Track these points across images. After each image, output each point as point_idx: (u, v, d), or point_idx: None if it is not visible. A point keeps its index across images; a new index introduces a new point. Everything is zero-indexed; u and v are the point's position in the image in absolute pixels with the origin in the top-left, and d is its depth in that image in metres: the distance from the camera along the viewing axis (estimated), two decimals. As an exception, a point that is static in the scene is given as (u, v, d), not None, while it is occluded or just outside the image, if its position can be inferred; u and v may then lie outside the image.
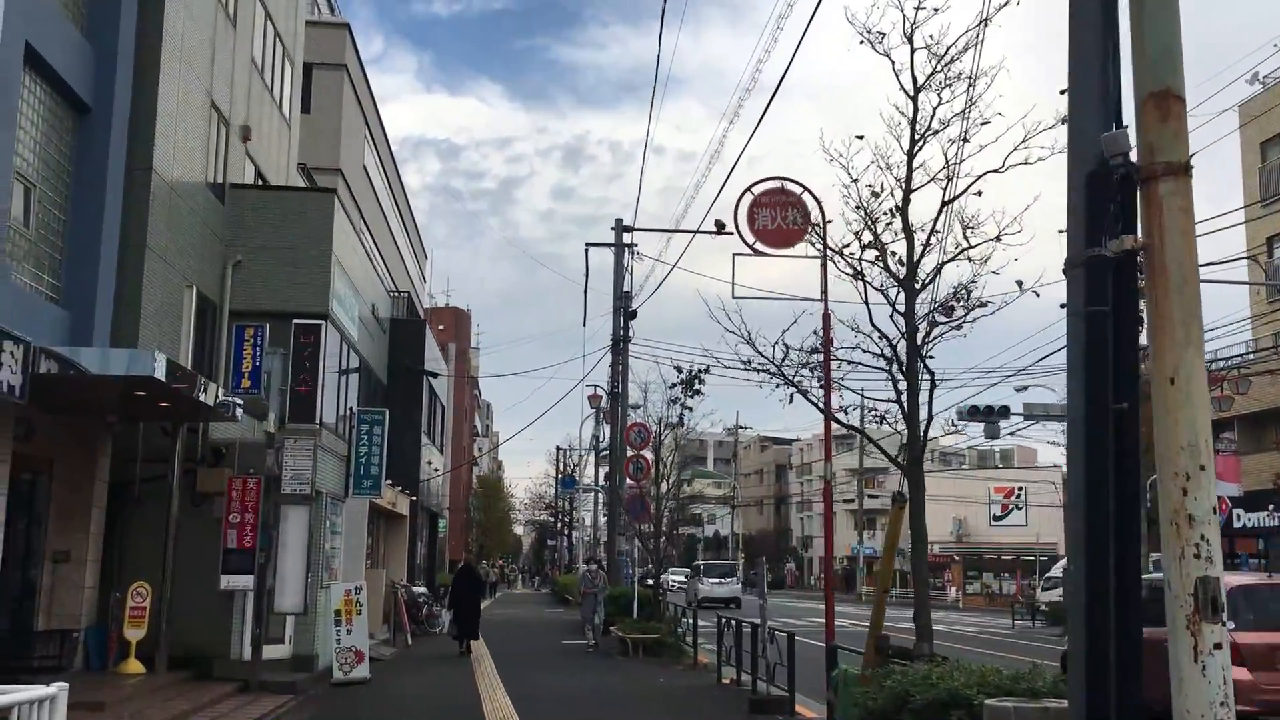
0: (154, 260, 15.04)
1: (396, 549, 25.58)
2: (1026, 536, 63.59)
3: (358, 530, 19.15)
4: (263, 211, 18.56)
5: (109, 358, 11.27)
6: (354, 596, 15.65)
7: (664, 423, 20.25)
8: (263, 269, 18.17)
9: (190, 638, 14.01)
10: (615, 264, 28.28)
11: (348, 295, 20.20)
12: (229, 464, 14.48)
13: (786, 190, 10.49)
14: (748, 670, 13.46)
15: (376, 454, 17.26)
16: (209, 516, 14.33)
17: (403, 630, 21.72)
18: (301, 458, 14.00)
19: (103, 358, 11.19)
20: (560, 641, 22.41)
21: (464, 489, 58.39)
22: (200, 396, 12.85)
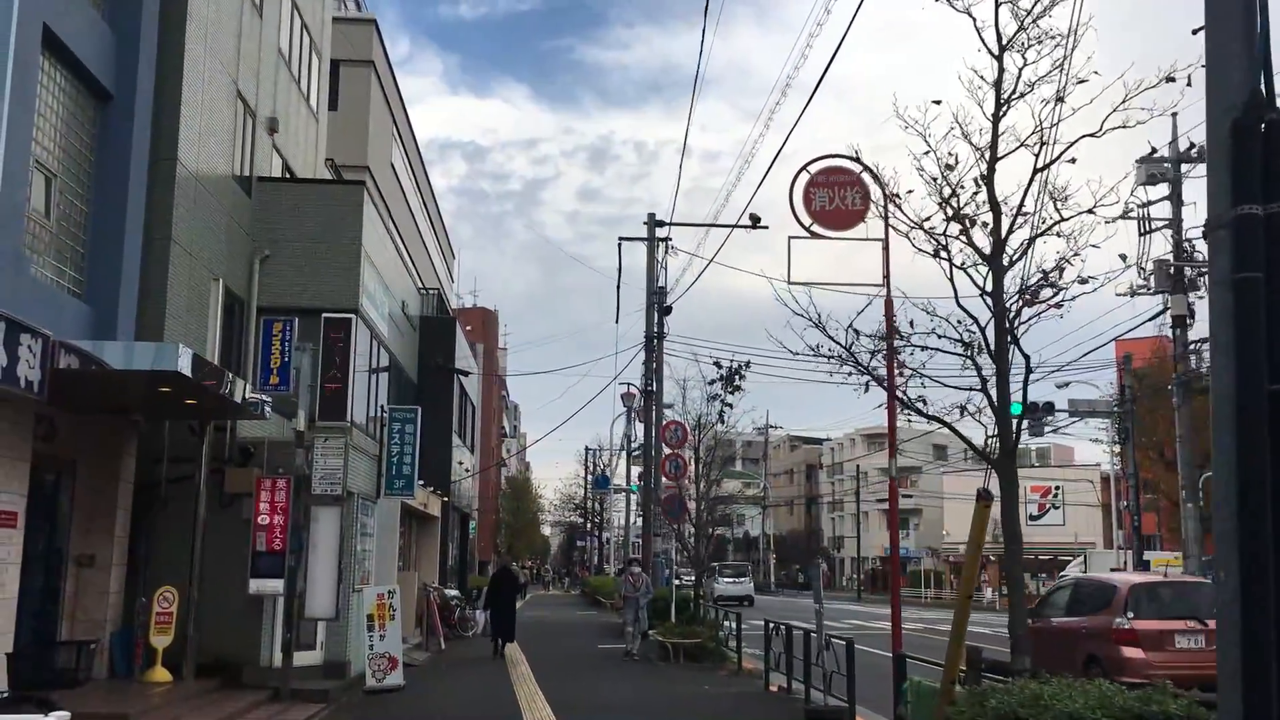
0: (179, 253, 14.58)
1: (428, 551, 25.08)
2: (1064, 536, 62.45)
3: (390, 532, 18.63)
4: (290, 205, 18.13)
5: (133, 352, 10.79)
6: (387, 600, 15.11)
7: (703, 420, 19.63)
8: (291, 264, 17.71)
9: (218, 644, 13.52)
10: (648, 258, 27.67)
11: (377, 291, 19.71)
12: (258, 464, 13.98)
13: (845, 169, 9.83)
14: (799, 678, 12.80)
15: (409, 453, 16.72)
16: (237, 518, 13.83)
17: (435, 634, 21.19)
18: (332, 457, 13.48)
19: (126, 352, 10.70)
20: (597, 645, 21.80)
21: (493, 490, 57.97)
22: (228, 393, 12.35)
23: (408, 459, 16.71)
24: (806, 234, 9.71)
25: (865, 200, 9.72)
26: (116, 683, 12.68)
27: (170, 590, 13.04)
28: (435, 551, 25.28)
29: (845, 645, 10.55)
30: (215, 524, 13.71)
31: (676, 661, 17.92)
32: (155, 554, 13.82)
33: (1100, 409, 31.01)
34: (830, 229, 9.71)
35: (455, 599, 23.94)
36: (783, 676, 14.09)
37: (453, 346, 27.01)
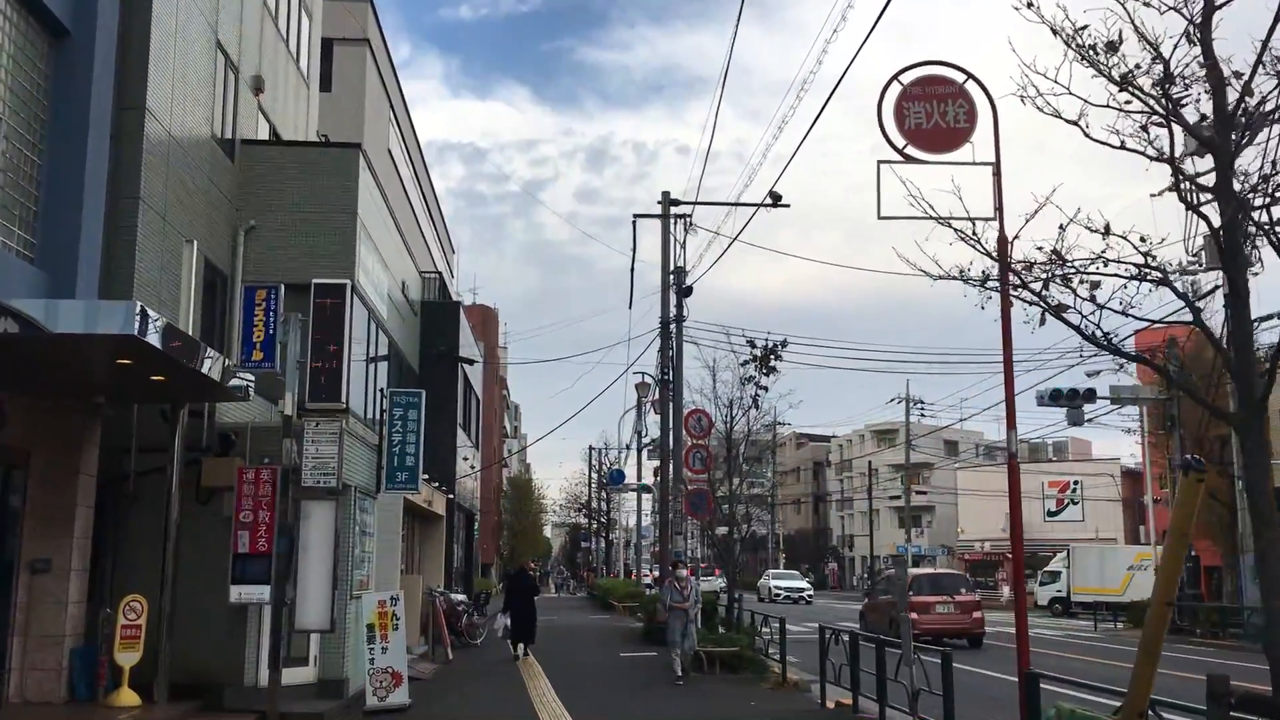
0: (150, 217, 12.82)
1: (432, 552, 23.27)
2: (1083, 532, 60.69)
3: (391, 531, 16.84)
4: (278, 171, 16.47)
5: (78, 312, 9.03)
6: (389, 608, 13.33)
7: (735, 405, 17.83)
8: (279, 236, 16.02)
9: (196, 661, 11.73)
10: (663, 238, 25.86)
11: (375, 268, 17.98)
12: (240, 453, 12.19)
13: (945, 79, 8.09)
14: (869, 694, 11.03)
15: (412, 442, 14.92)
16: (217, 516, 12.04)
17: (442, 643, 19.40)
18: (325, 444, 11.69)
19: (70, 313, 8.94)
20: (618, 654, 19.98)
21: (494, 491, 56.21)
22: (203, 369, 10.59)
23: (411, 449, 14.91)
24: (899, 158, 7.93)
25: (971, 116, 7.95)
26: (76, 708, 10.91)
27: (138, 600, 11.25)
28: (440, 553, 23.48)
29: (941, 658, 8.76)
30: (191, 523, 11.92)
31: (711, 672, 16.14)
32: (122, 558, 12.04)
33: (1145, 394, 29.22)
34: (928, 151, 7.94)
35: (462, 604, 22.14)
36: (843, 691, 12.31)
37: (456, 334, 25.27)
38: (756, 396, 17.43)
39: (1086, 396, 28.04)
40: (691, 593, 16.52)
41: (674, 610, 16.07)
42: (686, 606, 16.14)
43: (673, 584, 16.47)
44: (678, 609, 16.05)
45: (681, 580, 16.53)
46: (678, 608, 16.07)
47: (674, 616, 16.08)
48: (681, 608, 16.08)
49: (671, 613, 16.13)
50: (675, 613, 16.06)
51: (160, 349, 9.38)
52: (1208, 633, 26.78)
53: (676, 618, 16.01)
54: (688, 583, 16.65)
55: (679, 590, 16.30)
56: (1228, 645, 25.50)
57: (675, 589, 16.34)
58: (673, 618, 16.07)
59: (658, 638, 21.87)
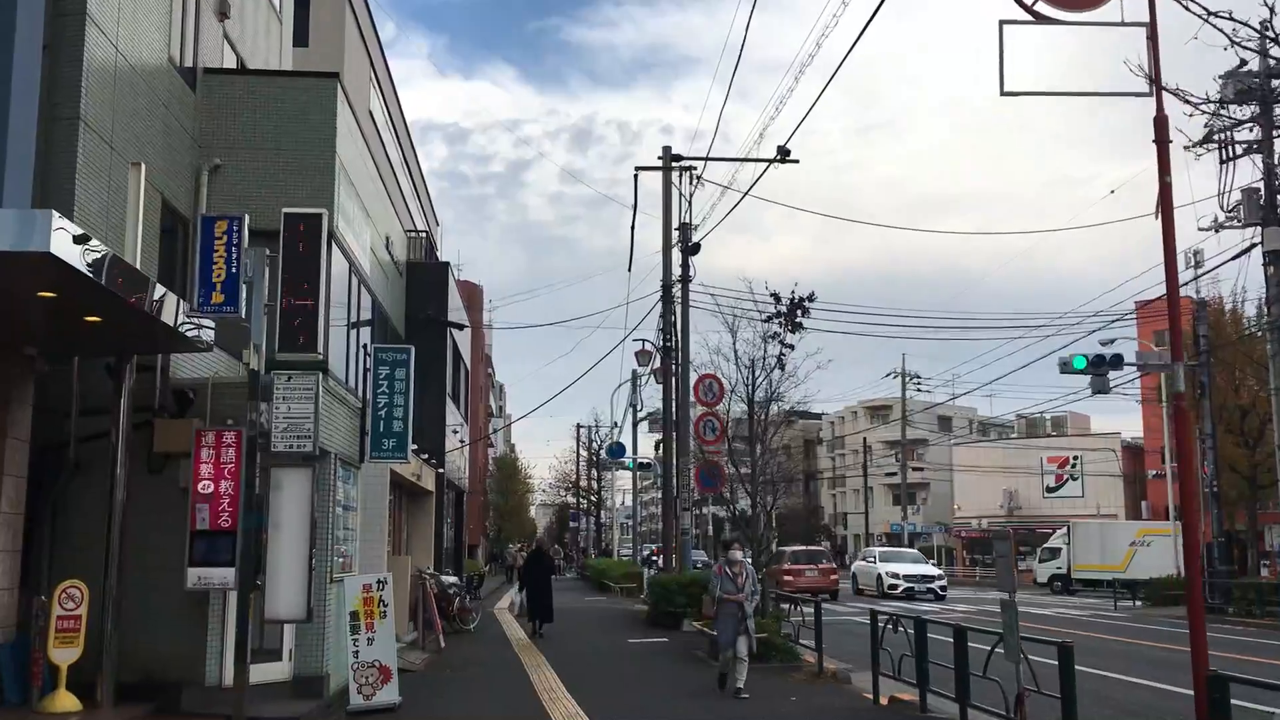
0: (93, 143, 11.01)
1: (421, 531, 21.52)
2: (1084, 508, 59.39)
3: (377, 506, 15.09)
4: (246, 105, 14.69)
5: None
6: (376, 593, 11.61)
7: (757, 365, 16.09)
8: (247, 177, 14.23)
9: (147, 657, 10.00)
10: (664, 194, 24.10)
11: (357, 216, 16.19)
12: (199, 413, 10.42)
13: (1082, -79, 6.34)
14: (941, 690, 9.39)
15: (400, 405, 13.18)
16: (172, 487, 10.28)
17: (433, 630, 17.70)
18: (299, 401, 9.94)
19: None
20: (626, 641, 18.31)
21: (481, 470, 54.51)
22: (152, 310, 8.84)
23: (399, 413, 13.16)
24: (1027, 17, 6.19)
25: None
26: (4, 714, 9.17)
27: (77, 586, 9.50)
28: (430, 532, 21.73)
29: (1060, 649, 7.08)
30: (142, 495, 10.17)
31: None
32: (60, 537, 10.27)
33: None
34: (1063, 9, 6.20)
35: (454, 587, 20.44)
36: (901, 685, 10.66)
37: (445, 297, 23.44)
38: (782, 356, 15.74)
39: (1113, 363, 26.36)
40: (748, 581, 12.62)
41: (724, 604, 12.50)
42: (742, 599, 12.40)
43: (723, 570, 12.76)
44: (730, 601, 12.43)
45: (734, 564, 12.76)
46: (730, 600, 12.42)
47: (725, 613, 12.49)
48: (735, 600, 12.40)
49: (722, 607, 12.51)
50: (727, 607, 12.46)
51: (90, 276, 7.62)
52: (1242, 611, 25.29)
53: (729, 614, 12.42)
54: (743, 568, 12.81)
55: (731, 578, 12.56)
56: (1266, 625, 24.02)
57: (727, 576, 12.58)
58: (723, 614, 12.52)
59: (666, 622, 20.26)
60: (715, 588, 12.72)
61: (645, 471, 49.80)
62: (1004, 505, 65.87)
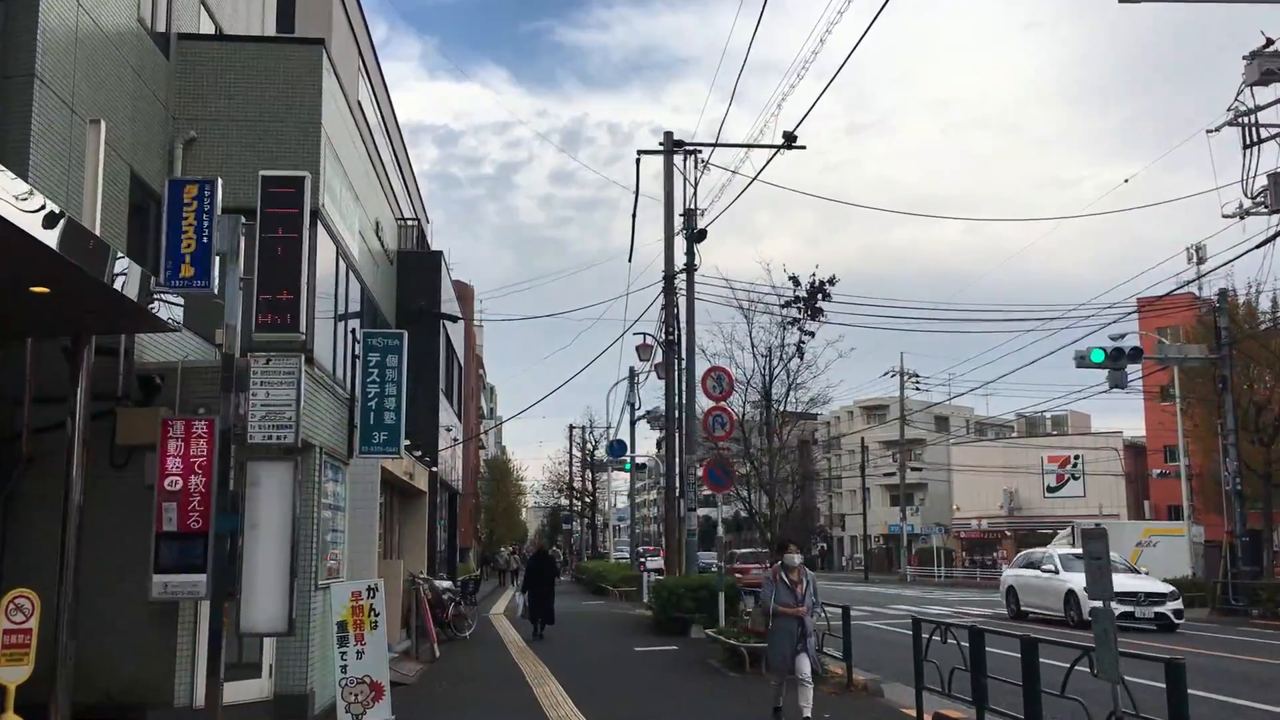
0: (51, 104, 9.93)
1: (414, 533, 20.39)
2: (1086, 508, 58.50)
3: (367, 506, 13.98)
4: (224, 74, 13.67)
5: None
6: (366, 601, 10.49)
7: (775, 354, 15.03)
8: (225, 151, 13.20)
9: (108, 676, 8.90)
10: (665, 181, 23.04)
11: (344, 196, 15.13)
12: (167, 402, 9.32)
13: None
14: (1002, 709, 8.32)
15: (393, 395, 12.09)
16: (136, 483, 9.18)
17: (428, 638, 16.59)
18: (279, 387, 8.85)
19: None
20: (632, 649, 17.21)
21: (473, 472, 53.40)
22: (112, 281, 7.75)
23: (391, 404, 12.07)
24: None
25: None
26: (-57, 742, 8.05)
27: (27, 596, 8.35)
28: (423, 534, 20.61)
29: (1169, 668, 6.03)
30: (102, 493, 9.08)
31: (755, 671, 13.42)
32: (10, 540, 9.16)
33: (1193, 354, 26.69)
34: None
35: (448, 592, 19.32)
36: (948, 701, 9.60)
37: (438, 288, 22.39)
38: (801, 344, 14.67)
39: (1132, 356, 25.44)
40: (808, 590, 10.23)
41: (778, 617, 10.12)
42: (802, 612, 10.04)
43: (778, 576, 10.30)
44: (787, 615, 10.06)
45: (791, 570, 10.26)
46: (787, 613, 10.05)
47: (781, 629, 10.09)
48: (794, 613, 10.02)
49: (777, 622, 10.12)
50: (783, 623, 10.09)
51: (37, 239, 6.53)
52: (1269, 613, 24.28)
53: (785, 631, 10.05)
54: (801, 574, 10.30)
55: (789, 586, 10.16)
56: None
57: (783, 585, 10.18)
58: (779, 631, 10.11)
59: (672, 628, 19.19)
60: (768, 598, 10.26)
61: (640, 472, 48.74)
62: (1004, 505, 64.99)
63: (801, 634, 10.01)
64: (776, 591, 10.25)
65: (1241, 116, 24.07)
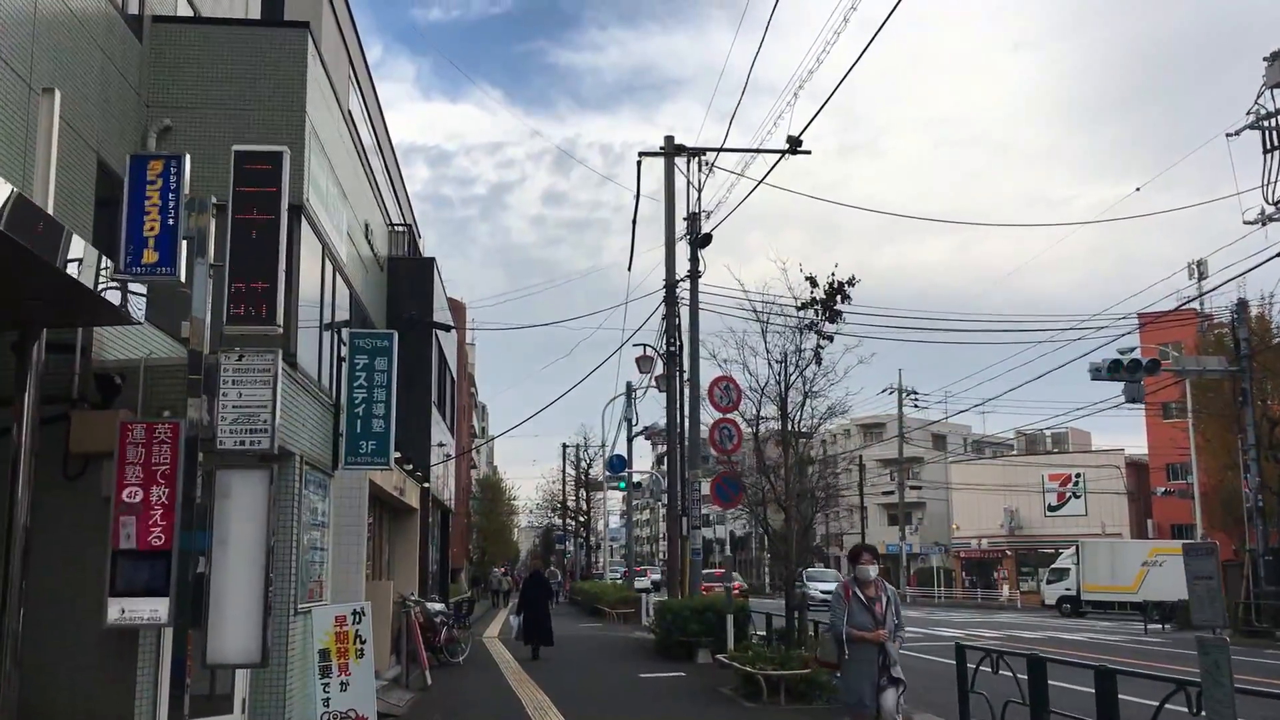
0: (4, 80, 8.99)
1: (405, 553, 19.36)
2: (1088, 527, 57.58)
3: (354, 523, 12.98)
4: (202, 60, 12.77)
5: None
6: (351, 627, 9.54)
7: (789, 360, 14.12)
8: (203, 141, 12.21)
9: (59, 711, 7.88)
10: (666, 187, 22.21)
11: (330, 192, 14.21)
12: (129, 404, 8.34)
13: None
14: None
15: (382, 401, 11.12)
16: (93, 496, 8.18)
17: (419, 664, 15.56)
18: (253, 386, 7.88)
19: None
20: (637, 675, 16.19)
21: (465, 491, 52.35)
22: (65, 266, 6.82)
23: (380, 410, 11.10)
24: None
25: None
26: None
27: (-37, 622, 7.38)
28: (414, 554, 19.58)
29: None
30: (54, 507, 8.09)
31: (775, 701, 12.41)
32: (-52, 559, 8.14)
33: (1212, 366, 25.84)
34: None
35: (440, 615, 18.29)
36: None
37: (430, 296, 21.43)
38: (819, 348, 13.77)
39: (1149, 368, 24.60)
40: (889, 608, 8.31)
41: (856, 646, 8.17)
42: (882, 636, 8.14)
43: (851, 593, 8.33)
44: (865, 641, 8.15)
45: (867, 585, 8.36)
46: (865, 638, 8.13)
47: (859, 658, 8.15)
48: (874, 639, 8.12)
49: (852, 650, 8.17)
50: (860, 651, 8.15)
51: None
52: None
53: (864, 660, 8.14)
54: (880, 589, 8.39)
55: (865, 604, 8.25)
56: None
57: (858, 602, 8.26)
58: (856, 660, 8.17)
59: (677, 653, 18.17)
60: (839, 619, 8.29)
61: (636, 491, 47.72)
62: (1005, 524, 64.05)
63: (884, 663, 8.09)
64: (850, 612, 8.23)
65: (1263, 120, 23.33)
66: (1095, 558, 44.56)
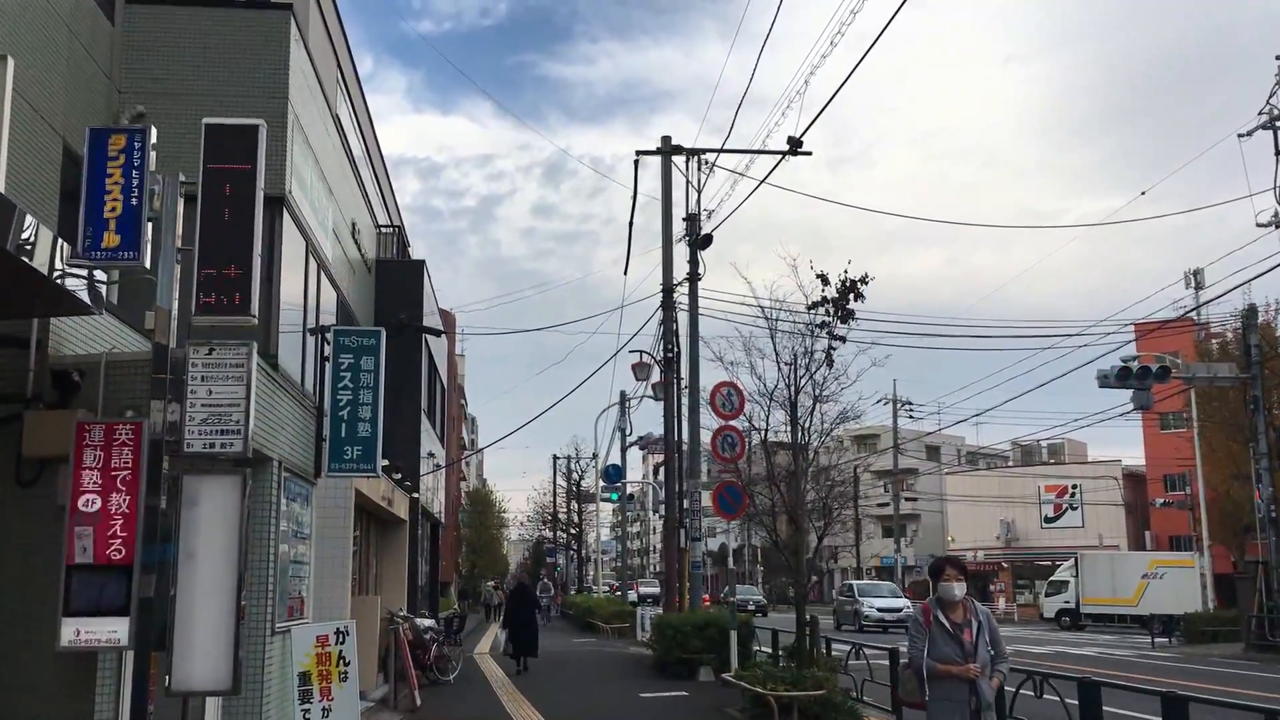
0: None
1: (393, 567, 18.55)
2: (1084, 539, 56.91)
3: (338, 534, 12.20)
4: (177, 44, 12.18)
5: None
6: (334, 647, 8.78)
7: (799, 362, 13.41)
8: (178, 130, 11.45)
9: (5, 746, 7.11)
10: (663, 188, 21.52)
11: (315, 186, 13.51)
12: (87, 403, 7.58)
13: None
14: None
15: (368, 404, 10.37)
16: (47, 505, 7.42)
17: (408, 684, 14.76)
18: (224, 382, 7.14)
19: None
20: (638, 695, 15.40)
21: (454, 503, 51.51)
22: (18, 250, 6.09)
23: (366, 413, 10.35)
24: None
25: None
26: None
27: (-103, 646, 6.60)
28: (402, 568, 18.78)
29: None
30: (3, 517, 7.33)
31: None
32: (-115, 575, 7.38)
33: (1222, 374, 25.23)
34: None
35: (430, 631, 17.49)
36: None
37: (420, 299, 20.71)
38: (831, 349, 13.09)
39: (1159, 375, 23.96)
40: (980, 635, 6.44)
41: (941, 682, 6.38)
42: (974, 671, 6.31)
43: (932, 617, 6.50)
44: (951, 677, 6.35)
45: (952, 607, 6.49)
46: (951, 673, 6.35)
47: (942, 701, 6.38)
48: (963, 674, 6.32)
49: (936, 688, 6.39)
50: (946, 688, 6.37)
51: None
52: (1309, 650, 22.69)
53: (950, 701, 6.35)
54: (969, 611, 6.52)
55: (950, 631, 6.44)
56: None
57: (942, 630, 6.45)
58: (940, 701, 6.39)
59: (678, 671, 17.38)
60: (919, 650, 6.46)
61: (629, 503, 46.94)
62: (1001, 536, 63.36)
63: (976, 707, 6.29)
64: (931, 641, 6.40)
65: (1275, 120, 22.78)
66: (1095, 570, 43.92)
